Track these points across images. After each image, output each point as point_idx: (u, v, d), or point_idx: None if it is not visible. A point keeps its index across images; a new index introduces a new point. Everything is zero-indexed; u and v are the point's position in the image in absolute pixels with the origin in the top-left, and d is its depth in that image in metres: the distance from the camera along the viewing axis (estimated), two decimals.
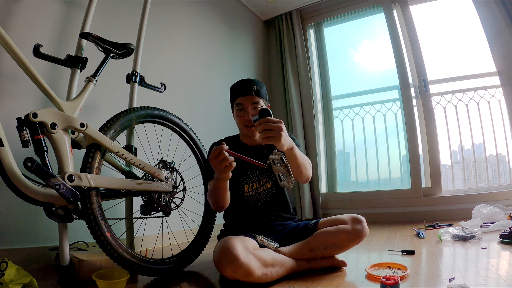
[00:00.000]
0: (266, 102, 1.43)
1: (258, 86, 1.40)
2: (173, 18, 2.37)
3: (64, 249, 1.21)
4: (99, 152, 1.25)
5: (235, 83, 1.46)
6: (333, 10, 3.31)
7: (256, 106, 1.38)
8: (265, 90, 1.45)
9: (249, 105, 1.38)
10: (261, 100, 1.39)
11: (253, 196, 1.46)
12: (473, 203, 2.27)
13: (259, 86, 1.41)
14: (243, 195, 1.45)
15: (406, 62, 2.95)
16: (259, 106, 1.38)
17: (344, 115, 3.34)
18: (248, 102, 1.38)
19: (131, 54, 1.53)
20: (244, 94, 1.38)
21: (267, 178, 1.46)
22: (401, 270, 1.20)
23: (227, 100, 1.52)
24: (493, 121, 2.76)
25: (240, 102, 1.39)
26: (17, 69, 1.16)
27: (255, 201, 1.45)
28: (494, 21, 2.60)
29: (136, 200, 1.49)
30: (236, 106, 1.41)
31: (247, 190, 1.45)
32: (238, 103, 1.40)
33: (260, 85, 1.42)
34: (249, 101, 1.38)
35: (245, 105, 1.38)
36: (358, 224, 1.32)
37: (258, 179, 1.46)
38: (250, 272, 1.08)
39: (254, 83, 1.40)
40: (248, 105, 1.38)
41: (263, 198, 1.46)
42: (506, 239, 1.56)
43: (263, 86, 1.44)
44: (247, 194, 1.45)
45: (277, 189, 1.48)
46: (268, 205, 1.46)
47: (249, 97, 1.38)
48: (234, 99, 1.43)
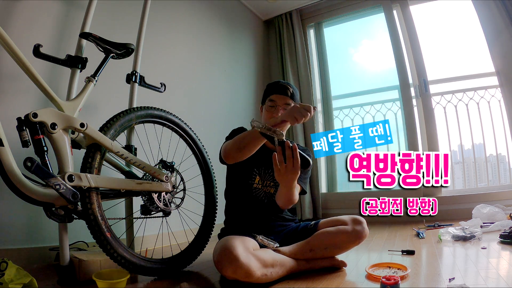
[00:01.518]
0: None
1: (294, 90, 1.46)
2: (173, 18, 2.37)
3: (64, 249, 1.21)
4: (99, 152, 1.25)
5: (272, 82, 1.53)
6: (333, 10, 3.31)
7: (287, 107, 1.41)
8: (298, 97, 1.51)
9: (282, 104, 1.42)
10: (292, 103, 1.43)
11: (259, 191, 1.46)
12: (473, 203, 2.27)
13: (295, 91, 1.48)
14: (252, 185, 1.45)
15: (406, 62, 2.95)
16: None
17: (344, 115, 3.33)
18: (281, 101, 1.43)
19: (131, 54, 1.53)
20: (279, 92, 1.43)
21: (271, 183, 1.47)
22: (401, 270, 1.20)
23: (227, 100, 1.52)
24: (493, 121, 2.75)
25: (274, 99, 1.44)
26: (17, 69, 1.16)
27: (262, 197, 1.46)
28: (493, 21, 2.60)
29: (136, 200, 1.49)
30: (269, 102, 1.45)
31: (256, 182, 1.46)
32: (272, 99, 1.44)
33: (296, 90, 1.49)
34: (282, 100, 1.43)
35: (277, 103, 1.43)
36: (358, 225, 1.32)
37: (266, 179, 1.47)
38: (250, 273, 1.08)
39: (291, 87, 1.46)
40: (280, 103, 1.42)
41: (267, 197, 1.47)
42: (506, 239, 1.56)
43: (297, 92, 1.51)
44: (256, 186, 1.46)
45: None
46: (271, 205, 1.46)
47: (283, 97, 1.43)
48: (268, 95, 1.47)
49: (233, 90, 2.94)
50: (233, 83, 2.97)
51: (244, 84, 3.12)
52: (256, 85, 3.29)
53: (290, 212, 1.55)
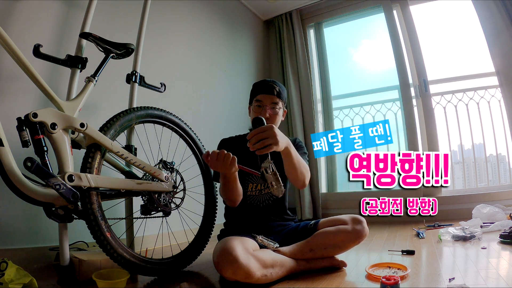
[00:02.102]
0: (284, 105, 1.46)
1: (280, 88, 1.43)
2: (173, 18, 2.37)
3: (64, 249, 1.21)
4: (99, 152, 1.25)
5: (258, 81, 1.50)
6: (333, 10, 3.31)
7: (275, 107, 1.40)
8: (285, 94, 1.49)
9: (269, 104, 1.40)
10: (280, 102, 1.42)
11: (256, 197, 1.45)
12: (473, 203, 2.27)
13: (281, 88, 1.45)
14: (246, 194, 1.45)
15: (406, 62, 2.95)
16: (277, 107, 1.41)
17: (344, 115, 3.33)
18: (268, 101, 1.41)
19: (131, 54, 1.53)
20: (266, 92, 1.41)
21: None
22: (401, 270, 1.20)
23: (227, 100, 1.52)
24: (493, 121, 2.75)
25: (260, 99, 1.42)
26: (17, 69, 1.16)
27: (257, 203, 1.45)
28: (493, 21, 2.60)
29: (136, 200, 1.49)
30: (256, 102, 1.43)
31: (250, 189, 1.45)
32: (259, 99, 1.42)
33: (282, 88, 1.46)
34: (269, 100, 1.41)
35: (264, 103, 1.41)
36: (358, 224, 1.32)
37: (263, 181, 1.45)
38: (250, 274, 1.08)
39: (277, 85, 1.44)
40: (267, 103, 1.40)
41: (265, 201, 1.46)
42: (506, 239, 1.56)
43: (284, 90, 1.49)
44: (250, 193, 1.45)
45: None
46: (269, 207, 1.46)
47: (270, 96, 1.41)
48: (255, 95, 1.45)
49: (233, 90, 2.94)
50: (233, 83, 2.96)
51: (244, 84, 3.12)
52: None
53: (290, 212, 1.55)
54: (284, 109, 1.47)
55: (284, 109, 1.47)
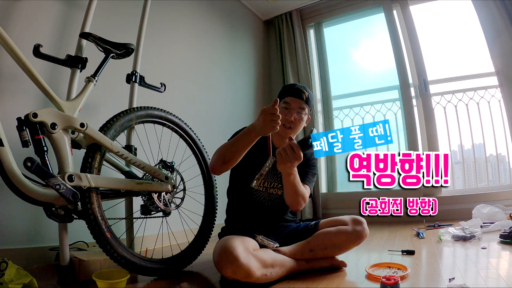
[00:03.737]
0: (309, 112, 1.47)
1: (309, 95, 1.45)
2: (173, 18, 2.37)
3: (64, 249, 1.21)
4: (99, 152, 1.25)
5: (290, 84, 1.53)
6: (333, 10, 3.31)
7: (301, 112, 1.41)
8: (313, 102, 1.50)
9: (296, 108, 1.41)
10: (306, 108, 1.43)
11: (261, 194, 1.44)
12: (473, 203, 2.27)
13: (310, 95, 1.46)
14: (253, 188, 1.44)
15: (406, 62, 2.94)
16: (304, 113, 1.42)
17: (344, 115, 3.33)
18: (295, 105, 1.41)
19: (131, 54, 1.53)
20: (295, 96, 1.42)
21: (279, 184, 1.44)
22: (401, 270, 1.20)
23: (227, 100, 1.52)
24: (493, 121, 2.75)
25: (288, 101, 1.42)
26: (17, 69, 1.16)
27: (263, 200, 1.44)
28: (493, 22, 2.60)
29: (136, 200, 1.49)
30: (283, 104, 1.43)
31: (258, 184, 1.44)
32: (287, 101, 1.43)
33: (311, 95, 1.48)
34: (297, 104, 1.41)
35: (292, 106, 1.41)
36: (358, 225, 1.32)
37: (271, 180, 1.44)
38: (250, 273, 1.08)
39: (307, 91, 1.45)
40: (295, 107, 1.41)
41: (271, 200, 1.45)
42: (506, 239, 1.56)
43: (313, 97, 1.50)
44: (257, 187, 1.44)
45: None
46: (273, 208, 1.45)
47: (298, 100, 1.41)
48: (283, 96, 1.45)
49: (233, 90, 2.94)
50: (233, 83, 2.96)
51: (244, 84, 3.12)
52: (256, 85, 3.29)
53: (291, 213, 1.54)
54: (309, 115, 1.48)
55: (309, 116, 1.48)
